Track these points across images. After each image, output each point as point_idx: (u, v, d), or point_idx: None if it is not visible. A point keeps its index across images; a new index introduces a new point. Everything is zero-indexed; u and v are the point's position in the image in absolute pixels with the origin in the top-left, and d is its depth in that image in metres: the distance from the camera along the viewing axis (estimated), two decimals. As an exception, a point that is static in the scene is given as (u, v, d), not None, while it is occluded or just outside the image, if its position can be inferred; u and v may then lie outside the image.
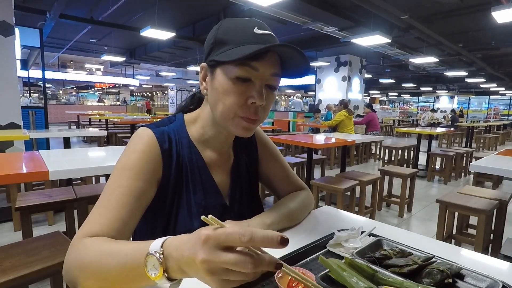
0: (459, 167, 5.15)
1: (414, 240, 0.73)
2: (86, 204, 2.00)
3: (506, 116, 20.16)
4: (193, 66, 11.25)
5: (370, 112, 6.31)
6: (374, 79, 14.86)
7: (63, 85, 21.61)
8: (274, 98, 0.67)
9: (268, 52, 0.59)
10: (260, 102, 0.61)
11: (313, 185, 2.77)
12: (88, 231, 0.54)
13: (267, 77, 0.61)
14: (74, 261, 0.50)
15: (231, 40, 0.61)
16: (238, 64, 0.59)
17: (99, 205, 0.58)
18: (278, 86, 0.65)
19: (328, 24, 6.04)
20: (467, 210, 2.14)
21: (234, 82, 0.60)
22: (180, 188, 0.69)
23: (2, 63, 3.25)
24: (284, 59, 0.62)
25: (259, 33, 0.61)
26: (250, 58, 0.57)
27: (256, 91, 0.61)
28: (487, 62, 10.08)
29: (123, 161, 0.63)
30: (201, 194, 0.71)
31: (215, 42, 0.63)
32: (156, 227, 0.69)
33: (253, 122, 0.64)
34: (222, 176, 0.77)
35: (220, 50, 0.61)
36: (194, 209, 0.69)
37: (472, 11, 5.63)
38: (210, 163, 0.74)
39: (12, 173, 1.20)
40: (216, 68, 0.63)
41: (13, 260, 1.14)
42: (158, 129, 0.68)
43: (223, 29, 0.63)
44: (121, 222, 0.57)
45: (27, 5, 5.89)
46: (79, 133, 4.56)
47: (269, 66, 0.60)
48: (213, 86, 0.64)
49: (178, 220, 0.69)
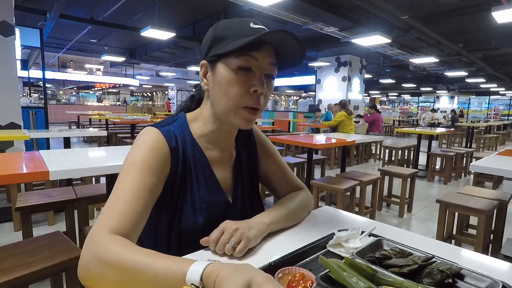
0: (459, 167, 5.14)
1: (414, 240, 0.73)
2: (86, 204, 2.00)
3: (506, 116, 20.15)
4: (193, 66, 11.26)
5: (374, 113, 6.30)
6: (374, 79, 14.85)
7: (63, 85, 21.59)
8: (272, 87, 0.71)
9: (265, 44, 0.64)
10: (262, 90, 0.65)
11: (313, 185, 2.77)
12: (107, 224, 0.55)
13: (266, 66, 0.66)
14: (95, 257, 0.50)
15: (230, 35, 0.65)
16: (239, 55, 0.63)
17: (114, 198, 0.59)
18: (275, 75, 0.70)
19: (328, 24, 6.04)
20: (467, 210, 2.14)
21: (236, 73, 0.64)
22: (184, 184, 0.71)
23: (2, 63, 3.25)
24: (280, 49, 0.67)
25: (255, 27, 0.66)
26: (250, 48, 0.62)
27: (257, 80, 0.65)
28: (487, 62, 10.07)
29: (133, 157, 0.64)
30: (205, 190, 0.73)
31: (214, 39, 0.67)
32: (161, 222, 0.70)
33: (255, 112, 0.68)
34: (224, 173, 0.78)
35: (220, 45, 0.65)
36: (198, 205, 0.71)
37: (472, 11, 5.62)
38: (212, 160, 0.76)
39: (12, 173, 1.20)
40: (217, 63, 0.66)
41: (13, 260, 1.13)
42: (164, 128, 0.70)
43: (220, 27, 0.67)
44: (136, 214, 0.58)
45: (27, 5, 5.89)
46: (79, 133, 4.57)
47: (267, 55, 0.65)
48: (215, 80, 0.67)
49: (182, 215, 0.70)
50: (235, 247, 0.62)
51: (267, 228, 0.70)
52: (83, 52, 12.11)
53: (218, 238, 0.64)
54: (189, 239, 0.69)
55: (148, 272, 0.46)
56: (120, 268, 0.48)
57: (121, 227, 0.55)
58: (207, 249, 0.66)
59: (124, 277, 0.48)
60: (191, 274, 0.41)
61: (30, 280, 1.09)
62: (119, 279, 0.48)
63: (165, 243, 0.70)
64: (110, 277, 0.49)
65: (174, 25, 7.33)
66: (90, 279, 0.51)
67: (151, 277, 0.45)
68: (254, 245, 0.66)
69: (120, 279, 0.48)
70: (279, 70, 0.71)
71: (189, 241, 0.69)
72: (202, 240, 0.65)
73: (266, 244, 0.69)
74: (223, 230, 0.65)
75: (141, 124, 6.41)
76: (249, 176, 0.84)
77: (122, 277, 0.48)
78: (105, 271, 0.49)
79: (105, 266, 0.49)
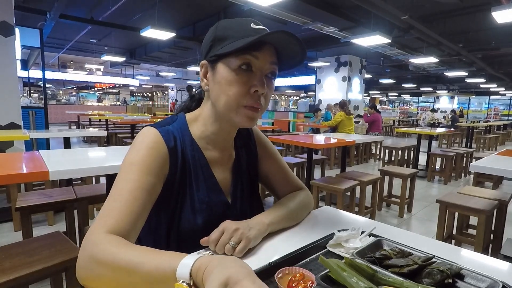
0: (459, 167, 5.14)
1: (414, 240, 0.73)
2: (86, 204, 2.00)
3: (506, 116, 20.15)
4: (193, 66, 11.25)
5: (374, 113, 6.30)
6: (374, 79, 14.85)
7: (63, 85, 21.59)
8: (273, 87, 0.70)
9: (266, 44, 0.64)
10: (262, 90, 0.65)
11: (313, 185, 2.77)
12: (104, 224, 0.55)
13: (267, 66, 0.66)
14: (92, 257, 0.50)
15: (231, 35, 0.65)
16: (240, 55, 0.63)
17: (112, 199, 0.59)
18: (276, 75, 0.70)
19: (328, 24, 6.04)
20: (467, 210, 2.14)
21: (237, 73, 0.64)
22: (184, 184, 0.71)
23: (2, 63, 3.24)
24: (280, 49, 0.66)
25: (256, 27, 0.65)
26: (250, 48, 0.62)
27: (258, 80, 0.65)
28: (487, 62, 10.07)
29: (131, 157, 0.64)
30: (204, 191, 0.73)
31: (214, 39, 0.67)
32: (160, 222, 0.70)
33: (256, 110, 0.67)
34: (223, 174, 0.78)
35: (221, 45, 0.65)
36: (198, 206, 0.71)
37: (472, 11, 5.63)
38: (212, 161, 0.75)
39: (12, 173, 1.20)
40: (217, 63, 0.66)
41: (13, 260, 1.14)
42: (163, 128, 0.70)
43: (221, 28, 0.67)
44: (134, 215, 0.58)
45: (27, 5, 5.89)
46: (79, 133, 4.57)
47: (268, 55, 0.65)
48: (216, 80, 0.67)
49: (182, 216, 0.70)
50: (235, 247, 0.62)
51: (267, 228, 0.70)
52: (83, 52, 12.11)
53: (218, 238, 0.64)
54: (189, 239, 0.69)
55: (141, 271, 0.46)
56: (115, 268, 0.48)
57: (119, 227, 0.55)
58: (207, 249, 0.66)
59: (119, 276, 0.48)
60: (181, 270, 0.41)
61: (30, 280, 1.09)
62: (116, 278, 0.48)
63: (165, 243, 0.70)
64: (107, 277, 0.49)
65: (174, 25, 7.33)
66: (88, 279, 0.51)
67: (144, 276, 0.46)
68: (254, 245, 0.66)
69: (116, 278, 0.48)
70: (279, 70, 0.71)
71: (188, 242, 0.69)
72: (202, 240, 0.65)
73: (266, 244, 0.69)
74: (223, 230, 0.65)
75: (141, 124, 6.41)
76: (248, 177, 0.84)
77: (118, 276, 0.48)
78: (101, 271, 0.49)
79: (101, 266, 0.49)
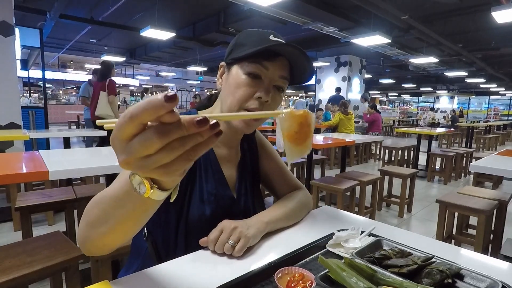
0: (459, 167, 5.14)
1: (414, 240, 0.73)
2: (86, 204, 1.99)
3: (506, 117, 20.15)
4: (193, 66, 11.24)
5: (374, 113, 6.30)
6: (374, 79, 14.86)
7: (63, 85, 21.57)
8: (280, 100, 0.72)
9: (279, 56, 0.68)
10: (266, 98, 0.67)
11: (313, 185, 2.77)
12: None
13: (276, 78, 0.69)
14: (82, 223, 0.51)
15: (249, 43, 0.69)
16: (252, 62, 0.67)
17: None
18: (285, 89, 0.73)
19: (328, 24, 6.03)
20: (467, 210, 2.14)
21: (247, 77, 0.68)
22: (194, 176, 0.73)
23: (2, 63, 3.24)
24: (292, 63, 0.70)
25: (273, 39, 0.70)
26: (262, 57, 0.66)
27: (264, 88, 0.68)
28: (487, 62, 10.07)
29: None
30: (213, 184, 0.75)
31: (235, 44, 0.72)
32: (170, 212, 0.71)
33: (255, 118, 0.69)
34: (230, 171, 0.81)
35: (239, 50, 0.70)
36: (206, 197, 0.73)
37: (472, 11, 5.62)
38: (220, 157, 0.79)
39: (12, 173, 1.20)
40: (233, 65, 0.70)
41: (13, 260, 1.13)
42: None
43: (243, 35, 0.73)
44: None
45: (27, 5, 5.88)
46: (79, 133, 4.57)
47: (279, 67, 0.68)
48: (228, 81, 0.71)
49: (191, 206, 0.71)
50: (234, 246, 0.62)
51: (266, 227, 0.71)
52: (83, 52, 12.11)
53: (217, 237, 0.64)
54: (196, 230, 0.70)
55: (111, 199, 0.45)
56: (94, 207, 0.48)
57: None
58: (207, 249, 0.66)
59: (100, 219, 0.46)
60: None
61: (30, 280, 1.09)
62: (99, 224, 0.47)
63: (173, 233, 0.71)
64: (94, 232, 0.48)
65: (174, 25, 7.32)
66: (88, 246, 0.51)
67: (115, 201, 0.44)
68: (253, 244, 0.67)
69: (100, 223, 0.47)
70: (290, 84, 0.73)
71: (196, 232, 0.70)
72: (201, 240, 0.66)
73: (266, 244, 0.70)
74: (221, 229, 0.65)
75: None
76: (252, 175, 0.87)
77: (100, 221, 0.47)
78: (88, 228, 0.49)
79: (88, 223, 0.49)
